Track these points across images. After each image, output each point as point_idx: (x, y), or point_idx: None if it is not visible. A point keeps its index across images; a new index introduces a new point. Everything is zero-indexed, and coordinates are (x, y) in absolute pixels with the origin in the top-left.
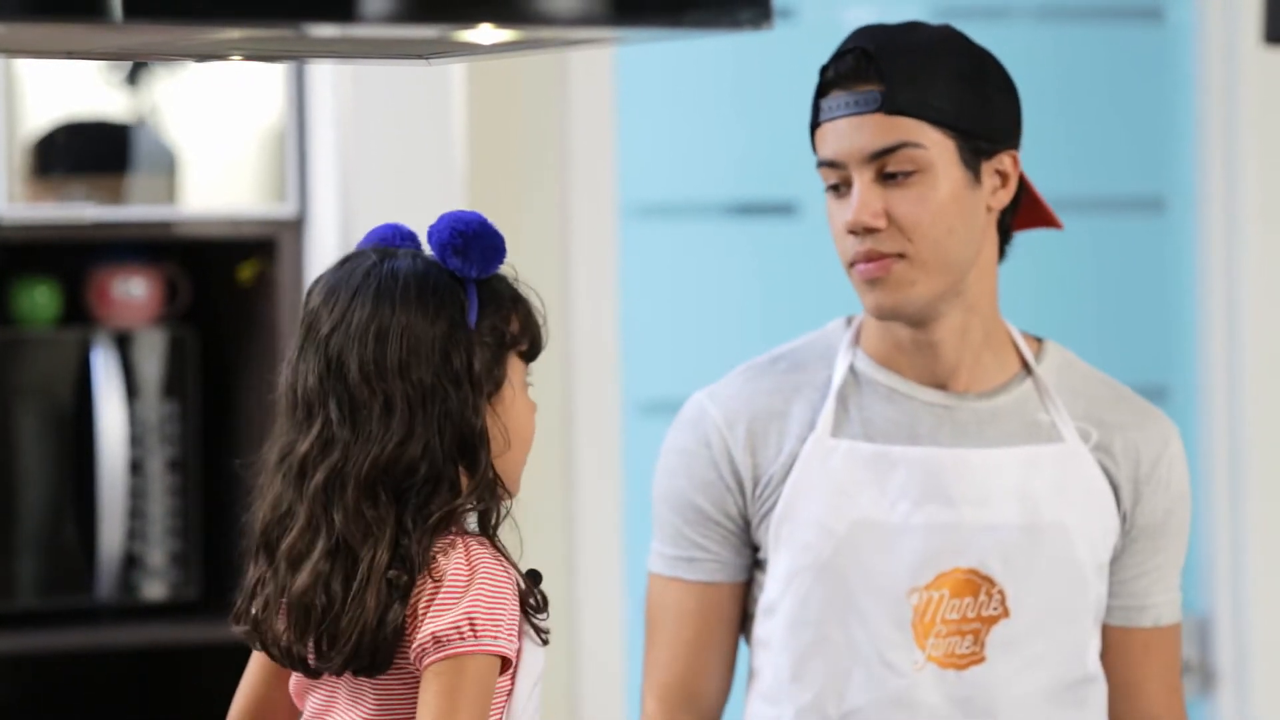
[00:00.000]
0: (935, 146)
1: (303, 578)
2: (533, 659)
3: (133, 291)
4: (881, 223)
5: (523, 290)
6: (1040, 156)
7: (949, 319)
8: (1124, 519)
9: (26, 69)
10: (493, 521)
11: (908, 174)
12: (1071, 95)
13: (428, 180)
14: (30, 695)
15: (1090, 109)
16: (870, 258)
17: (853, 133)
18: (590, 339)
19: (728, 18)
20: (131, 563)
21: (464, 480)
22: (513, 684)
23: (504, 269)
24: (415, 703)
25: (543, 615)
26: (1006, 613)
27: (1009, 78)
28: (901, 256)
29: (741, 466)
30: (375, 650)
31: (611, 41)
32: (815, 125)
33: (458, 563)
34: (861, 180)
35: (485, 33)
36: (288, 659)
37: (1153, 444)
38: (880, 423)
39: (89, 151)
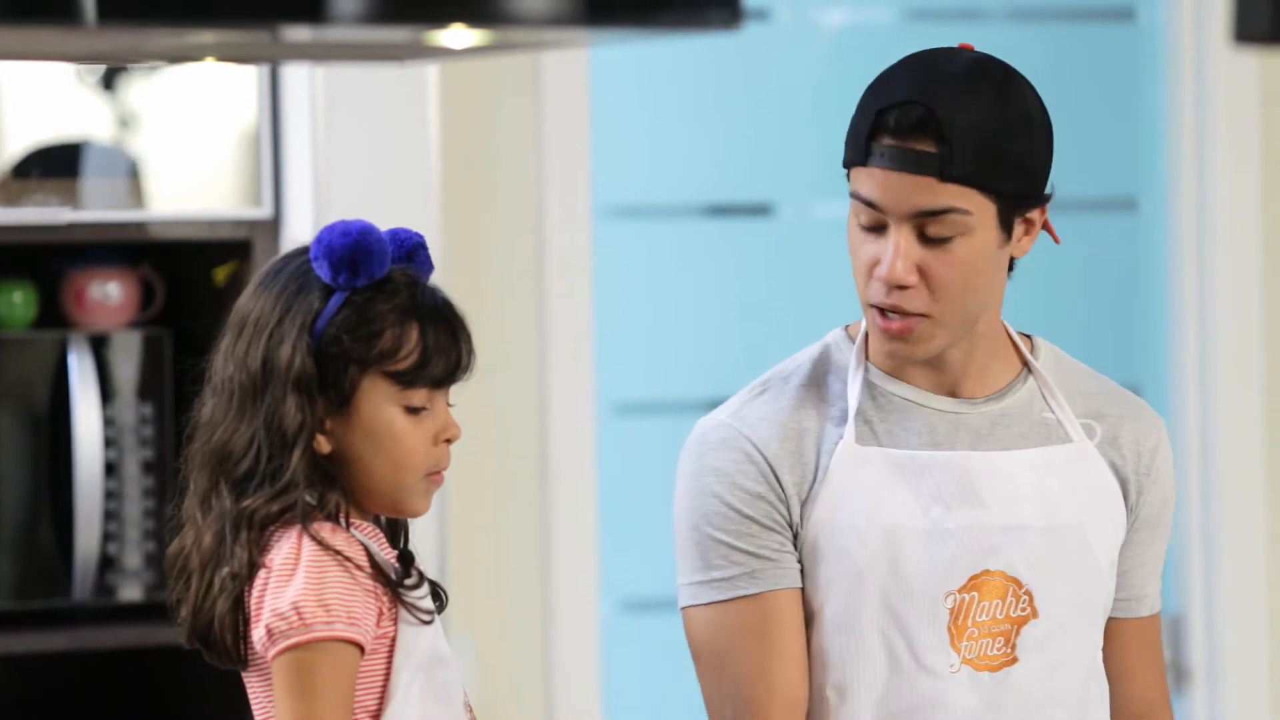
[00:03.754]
0: (979, 211)
1: (173, 545)
2: (414, 640)
3: (109, 294)
4: (914, 279)
5: (431, 312)
6: None
7: (957, 347)
8: (1129, 512)
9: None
10: (339, 515)
11: (948, 236)
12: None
13: (402, 182)
14: (5, 698)
15: (1062, 109)
16: (894, 312)
17: (901, 188)
18: (565, 340)
19: (698, 18)
20: (107, 564)
21: (346, 486)
22: (389, 666)
23: (434, 288)
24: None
25: (418, 594)
26: (1035, 613)
27: (1049, 121)
28: (925, 316)
29: (786, 482)
30: (206, 639)
31: (582, 43)
32: (859, 162)
33: (285, 555)
34: (900, 234)
35: (457, 34)
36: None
37: (1150, 435)
38: (901, 433)
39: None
